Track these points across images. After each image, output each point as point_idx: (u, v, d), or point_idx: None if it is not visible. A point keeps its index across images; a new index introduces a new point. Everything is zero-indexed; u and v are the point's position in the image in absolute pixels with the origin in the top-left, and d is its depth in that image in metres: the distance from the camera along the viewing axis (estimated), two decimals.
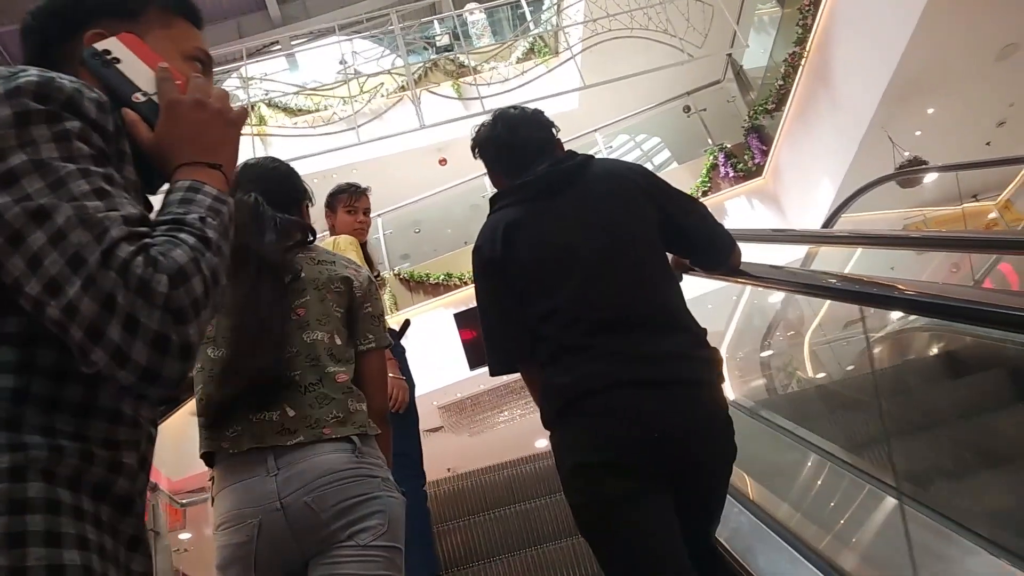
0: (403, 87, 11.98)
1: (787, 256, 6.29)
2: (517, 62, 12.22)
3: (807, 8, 7.69)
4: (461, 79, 12.34)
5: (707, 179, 9.79)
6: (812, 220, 8.74)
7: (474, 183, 10.36)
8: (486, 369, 1.92)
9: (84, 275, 0.70)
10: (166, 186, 0.91)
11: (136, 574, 0.82)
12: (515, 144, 1.96)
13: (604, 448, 1.62)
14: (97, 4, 0.99)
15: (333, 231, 3.41)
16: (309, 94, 10.79)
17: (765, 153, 9.57)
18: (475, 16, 13.85)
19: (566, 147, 2.02)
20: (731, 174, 9.75)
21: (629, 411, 1.61)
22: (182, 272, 0.74)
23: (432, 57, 11.90)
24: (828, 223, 5.03)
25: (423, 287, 10.07)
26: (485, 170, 2.06)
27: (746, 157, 9.79)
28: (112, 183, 0.77)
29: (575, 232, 1.78)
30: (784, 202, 9.48)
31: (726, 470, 1.75)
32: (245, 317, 1.65)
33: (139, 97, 0.91)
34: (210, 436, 1.65)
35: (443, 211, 11.92)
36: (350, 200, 3.38)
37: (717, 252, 1.98)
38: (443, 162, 11.99)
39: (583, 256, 1.75)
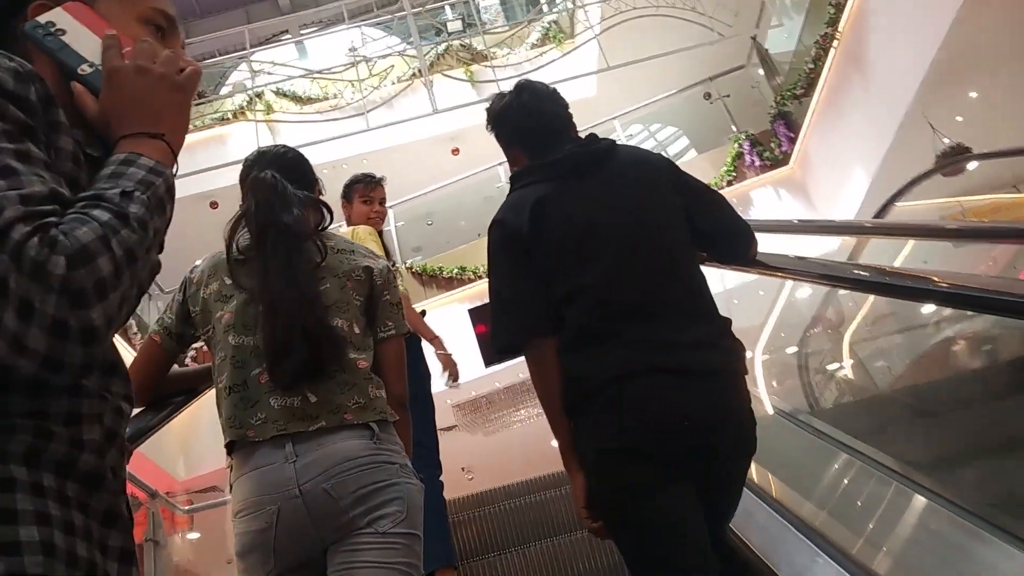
0: (415, 74, 11.79)
1: (823, 248, 5.93)
2: (531, 47, 11.97)
3: None
4: (474, 65, 12.05)
5: (732, 168, 9.37)
6: (844, 211, 8.34)
7: (488, 173, 10.04)
8: (502, 367, 2.14)
9: None
10: None
11: (113, 549, 0.81)
12: (544, 113, 1.93)
13: (628, 436, 1.61)
14: None
15: (349, 221, 3.44)
16: (317, 78, 10.46)
17: (792, 141, 9.15)
18: (487, 1, 13.55)
19: (585, 134, 1.97)
20: (756, 163, 9.32)
21: (653, 399, 1.60)
22: (84, 251, 0.70)
23: (444, 40, 11.63)
24: (880, 213, 4.63)
25: (436, 281, 9.78)
26: (500, 159, 2.03)
27: (772, 145, 9.36)
28: (25, 159, 0.73)
29: (603, 215, 1.76)
30: (813, 192, 9.06)
31: (746, 463, 1.74)
32: (285, 290, 1.65)
33: (85, 68, 0.88)
34: (235, 424, 1.64)
35: (456, 202, 11.59)
36: (366, 190, 3.43)
37: (738, 245, 1.95)
38: (456, 151, 11.72)
39: (610, 239, 1.73)
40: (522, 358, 1.79)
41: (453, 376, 3.61)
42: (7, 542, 0.66)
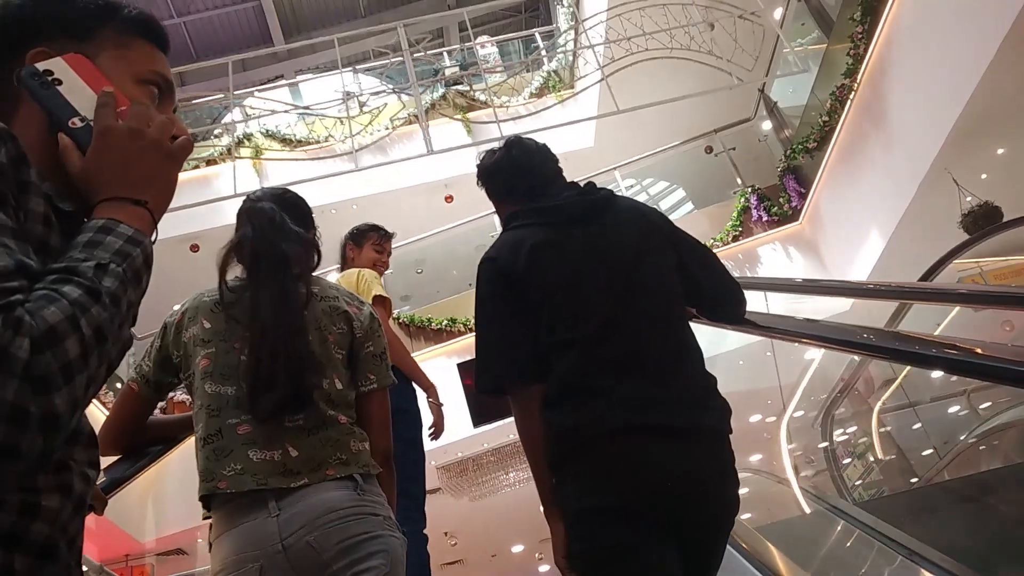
0: (408, 120, 11.52)
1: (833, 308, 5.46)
2: (530, 97, 11.74)
3: (859, 36, 6.93)
4: (470, 112, 11.79)
5: (738, 222, 8.96)
6: (858, 272, 7.92)
7: (482, 222, 9.66)
8: (491, 427, 2.03)
9: None
10: None
11: None
12: (533, 167, 1.94)
13: (610, 496, 1.58)
14: (47, 22, 0.93)
15: (350, 264, 3.49)
16: (306, 113, 10.11)
17: (803, 196, 8.76)
18: (486, 49, 13.35)
19: (585, 182, 1.96)
20: (764, 218, 8.92)
21: (637, 459, 1.57)
22: (51, 333, 0.66)
23: (440, 79, 11.39)
24: (930, 275, 4.17)
25: (424, 333, 9.28)
26: (493, 207, 2.01)
27: (781, 200, 8.97)
28: None
29: (599, 266, 1.74)
30: (824, 250, 8.64)
31: (730, 523, 1.69)
32: (274, 318, 1.65)
33: (76, 122, 0.85)
34: (206, 477, 1.60)
35: (448, 251, 11.21)
36: (380, 240, 3.56)
37: (728, 304, 1.96)
38: (450, 199, 11.37)
39: (605, 292, 1.71)
40: (512, 419, 1.75)
41: (437, 431, 3.38)
42: None
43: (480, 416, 7.29)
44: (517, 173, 1.94)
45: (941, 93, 6.27)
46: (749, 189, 9.24)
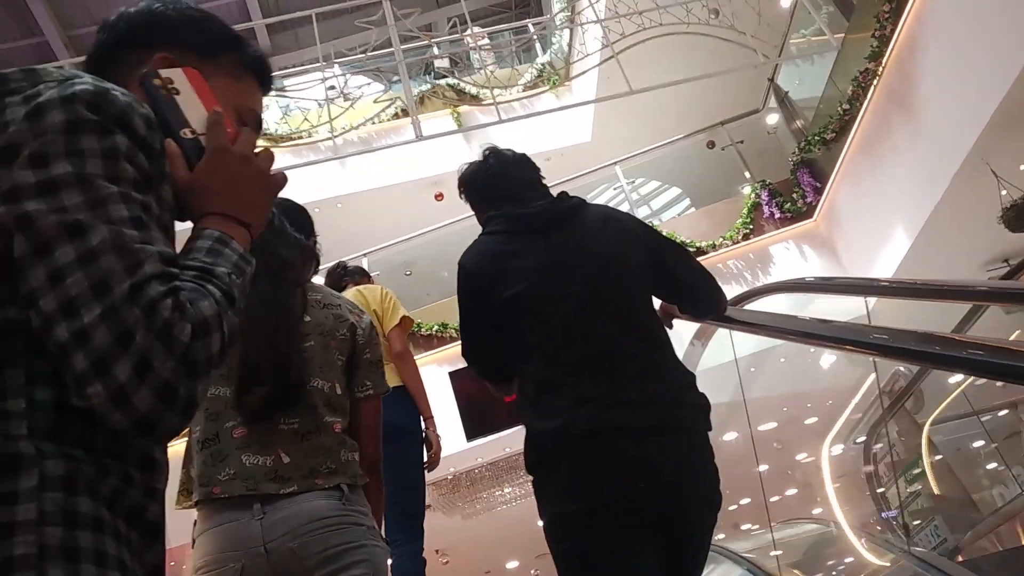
0: (396, 115, 10.99)
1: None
2: (524, 90, 11.22)
3: (885, 16, 6.37)
4: (461, 107, 11.24)
5: (748, 220, 8.39)
6: (879, 273, 7.35)
7: (473, 221, 8.94)
8: (485, 440, 2.29)
9: (106, 304, 0.67)
10: None
11: None
12: (510, 177, 2.00)
13: (587, 496, 1.59)
14: (182, 32, 1.00)
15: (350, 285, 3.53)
16: (279, 95, 9.44)
17: (818, 191, 8.20)
18: (478, 40, 12.83)
19: (581, 180, 1.66)
20: (776, 215, 8.36)
21: (616, 458, 1.59)
22: (205, 325, 0.71)
23: (428, 84, 10.88)
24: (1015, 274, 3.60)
25: (413, 339, 8.64)
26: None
27: (795, 195, 8.41)
28: (148, 213, 0.75)
29: (564, 271, 1.78)
30: (841, 249, 8.09)
31: (711, 519, 1.70)
32: (264, 315, 1.67)
33: (187, 133, 0.89)
34: (202, 482, 1.62)
35: (438, 251, 10.59)
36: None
37: (707, 300, 1.99)
38: (440, 197, 10.84)
39: (573, 294, 1.75)
40: (508, 432, 2.06)
41: (434, 462, 3.29)
42: None
43: (474, 429, 6.71)
44: (493, 181, 2.00)
45: (980, 75, 5.70)
46: (759, 184, 8.68)
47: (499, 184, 1.99)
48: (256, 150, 0.94)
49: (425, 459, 3.25)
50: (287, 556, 1.53)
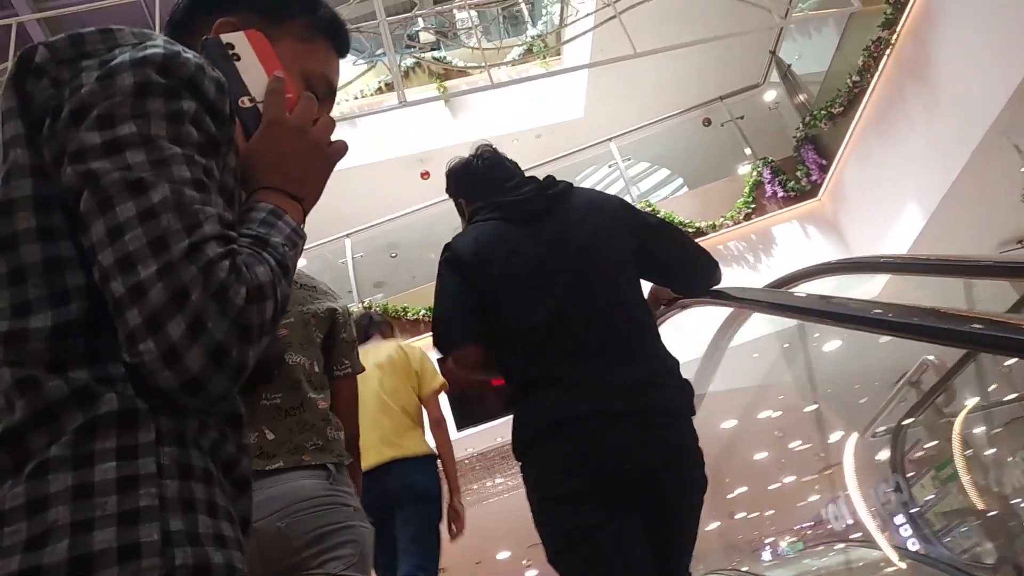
0: (380, 88, 10.58)
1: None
2: (513, 64, 10.82)
3: None
4: (448, 80, 10.83)
5: (750, 199, 8.03)
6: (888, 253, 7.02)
7: None
8: (476, 431, 2.31)
9: (163, 261, 0.66)
10: None
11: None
12: (496, 164, 2.04)
13: (570, 479, 1.62)
14: None
15: None
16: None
17: (823, 168, 7.85)
18: (463, 14, 12.42)
19: (573, 159, 4.04)
20: (780, 193, 8.00)
21: (597, 442, 1.62)
22: (260, 290, 0.70)
23: (416, 56, 10.45)
24: None
25: (399, 324, 8.27)
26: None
27: (799, 173, 8.05)
28: (210, 177, 0.74)
29: (549, 258, 1.80)
30: (847, 229, 7.76)
31: (695, 499, 1.73)
32: None
33: (246, 102, 0.87)
34: None
35: (424, 232, 10.21)
36: None
37: (699, 278, 2.01)
38: (426, 175, 10.43)
39: (555, 282, 1.77)
40: (500, 421, 1.99)
41: (458, 531, 3.36)
42: (218, 535, 0.68)
43: (464, 419, 6.36)
44: (480, 171, 2.03)
45: (1004, 45, 5.35)
46: (761, 162, 8.31)
47: (487, 172, 2.02)
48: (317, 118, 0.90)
49: (450, 527, 3.33)
50: (274, 535, 1.54)
